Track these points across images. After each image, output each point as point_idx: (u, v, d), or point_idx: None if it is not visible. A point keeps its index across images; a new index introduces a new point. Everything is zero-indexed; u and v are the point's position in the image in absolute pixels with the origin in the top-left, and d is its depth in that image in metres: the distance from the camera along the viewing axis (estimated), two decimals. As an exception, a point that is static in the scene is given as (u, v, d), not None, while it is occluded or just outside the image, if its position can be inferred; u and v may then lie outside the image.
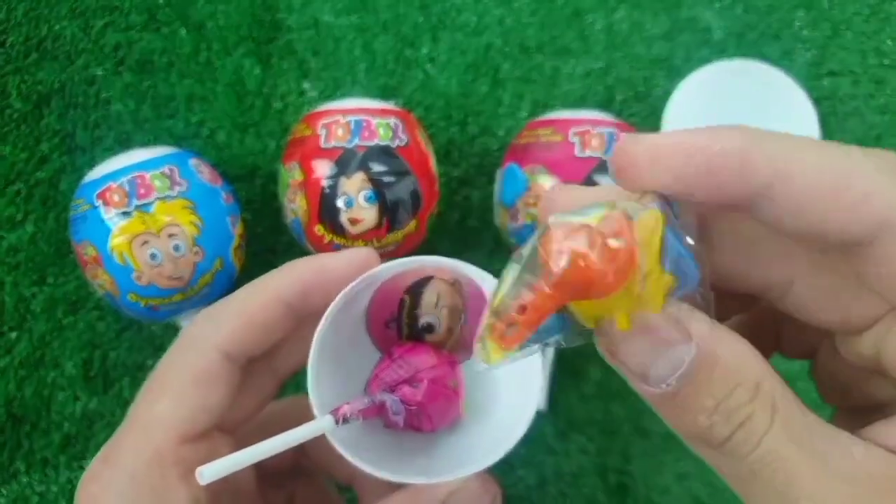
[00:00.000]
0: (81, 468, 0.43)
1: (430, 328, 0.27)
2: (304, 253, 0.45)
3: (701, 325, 0.17)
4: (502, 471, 0.44)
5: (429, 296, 0.26)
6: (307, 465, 0.33)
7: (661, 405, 0.17)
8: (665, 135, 0.17)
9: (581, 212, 0.17)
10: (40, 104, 0.47)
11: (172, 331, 0.44)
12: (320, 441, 0.24)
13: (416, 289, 0.26)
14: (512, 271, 0.18)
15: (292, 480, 0.32)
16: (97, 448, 0.43)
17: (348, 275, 0.24)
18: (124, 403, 0.44)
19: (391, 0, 0.49)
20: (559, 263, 0.17)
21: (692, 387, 0.17)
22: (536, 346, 0.19)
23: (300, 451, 0.31)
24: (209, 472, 0.21)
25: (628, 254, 0.16)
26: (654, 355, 0.17)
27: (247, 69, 0.48)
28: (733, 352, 0.17)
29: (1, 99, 0.46)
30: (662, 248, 0.17)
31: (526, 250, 0.18)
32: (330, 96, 0.48)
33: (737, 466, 0.17)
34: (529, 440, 0.24)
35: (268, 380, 0.28)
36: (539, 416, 0.45)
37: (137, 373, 0.44)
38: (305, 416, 0.28)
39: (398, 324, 0.27)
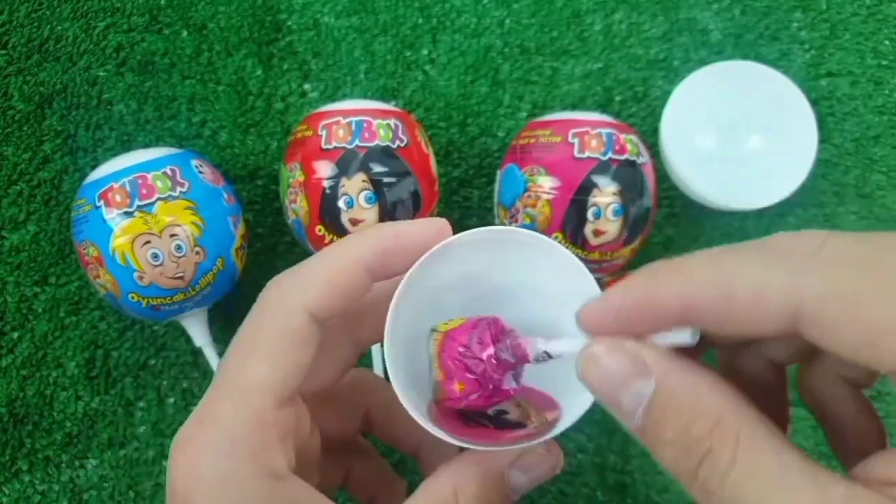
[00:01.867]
0: (83, 467, 0.44)
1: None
2: (305, 254, 0.45)
3: (657, 357, 0.18)
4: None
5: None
6: (364, 443, 0.34)
7: (641, 438, 0.18)
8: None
9: None
10: (42, 105, 0.47)
11: (175, 330, 0.45)
12: (388, 412, 0.25)
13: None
14: None
15: (350, 458, 0.33)
16: (99, 447, 0.44)
17: (425, 241, 0.25)
18: (126, 402, 0.44)
19: (391, 1, 0.50)
20: None
21: (654, 420, 0.17)
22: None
23: (363, 424, 0.32)
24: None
25: None
26: (621, 389, 0.18)
27: (248, 70, 0.48)
28: (689, 385, 0.17)
29: (3, 100, 0.47)
30: None
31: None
32: (331, 97, 0.49)
33: (709, 500, 0.16)
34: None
35: (349, 349, 0.28)
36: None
37: (139, 372, 0.45)
38: (374, 384, 0.30)
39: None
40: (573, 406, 0.25)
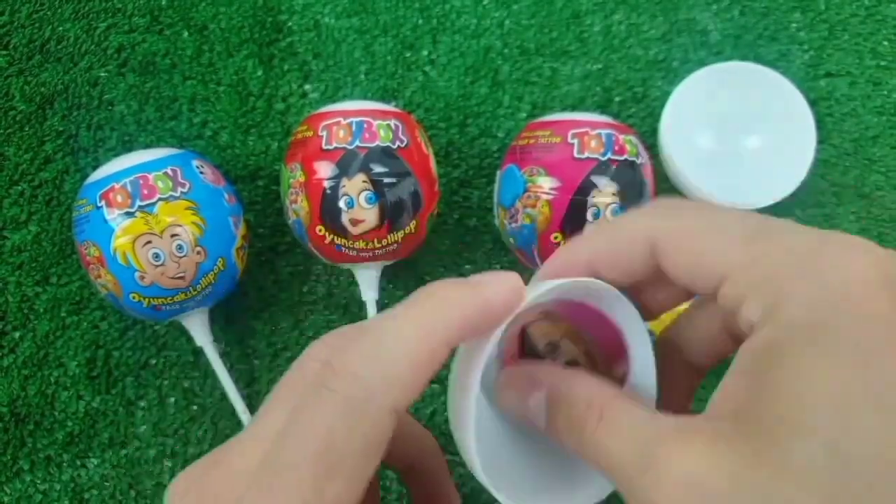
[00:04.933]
0: (84, 466, 0.44)
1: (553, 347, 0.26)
2: (306, 253, 0.46)
3: (545, 370, 0.24)
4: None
5: (536, 335, 0.26)
6: None
7: (551, 435, 0.24)
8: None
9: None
10: (44, 105, 0.47)
11: (176, 330, 0.45)
12: None
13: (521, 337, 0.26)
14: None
15: None
16: (100, 446, 0.44)
17: (504, 307, 0.22)
18: (127, 402, 0.44)
19: (391, 2, 0.50)
20: None
21: (552, 415, 0.23)
22: None
23: None
24: None
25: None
26: (527, 408, 0.24)
27: (249, 71, 0.48)
28: (566, 385, 0.23)
29: (5, 100, 0.47)
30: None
31: None
32: (331, 98, 0.49)
33: (591, 460, 0.22)
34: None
35: None
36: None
37: (140, 371, 0.45)
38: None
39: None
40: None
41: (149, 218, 0.38)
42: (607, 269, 0.24)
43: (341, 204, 0.39)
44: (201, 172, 0.40)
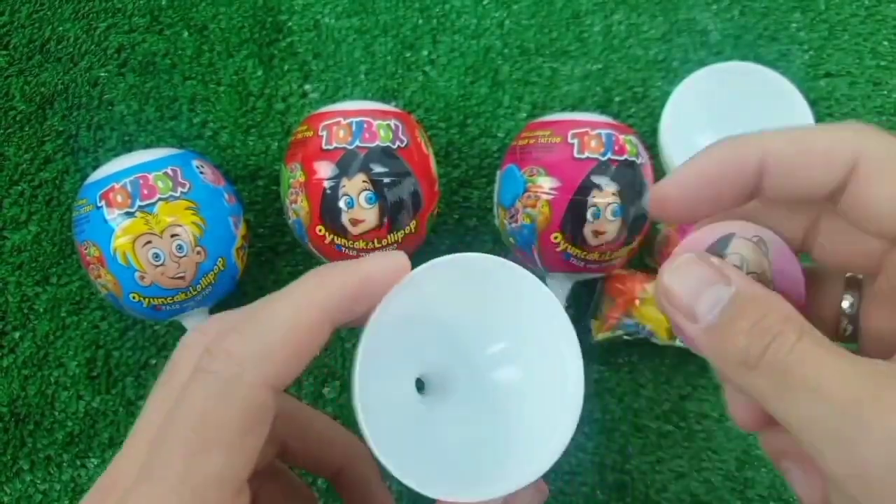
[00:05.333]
0: (84, 466, 0.44)
1: None
2: (306, 253, 0.46)
3: (737, 273, 0.22)
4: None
5: (731, 259, 0.24)
6: (278, 466, 0.31)
7: (705, 338, 0.21)
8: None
9: None
10: (44, 105, 0.47)
11: (176, 330, 0.45)
12: (303, 437, 0.22)
13: (716, 252, 0.24)
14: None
15: (257, 482, 0.30)
16: (100, 446, 0.44)
17: (387, 282, 0.23)
18: (127, 402, 0.44)
19: (391, 2, 0.50)
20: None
21: (731, 316, 0.21)
22: (623, 333, 0.43)
23: (279, 447, 0.29)
24: None
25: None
26: (698, 294, 0.21)
27: (249, 71, 0.48)
28: (765, 290, 0.21)
29: (5, 100, 0.47)
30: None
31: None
32: (331, 98, 0.49)
33: (770, 377, 0.20)
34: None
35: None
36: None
37: (140, 371, 0.45)
38: (288, 410, 0.27)
39: None
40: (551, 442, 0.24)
41: (149, 218, 0.38)
42: (781, 176, 0.22)
43: (341, 204, 0.39)
44: (201, 172, 0.40)
